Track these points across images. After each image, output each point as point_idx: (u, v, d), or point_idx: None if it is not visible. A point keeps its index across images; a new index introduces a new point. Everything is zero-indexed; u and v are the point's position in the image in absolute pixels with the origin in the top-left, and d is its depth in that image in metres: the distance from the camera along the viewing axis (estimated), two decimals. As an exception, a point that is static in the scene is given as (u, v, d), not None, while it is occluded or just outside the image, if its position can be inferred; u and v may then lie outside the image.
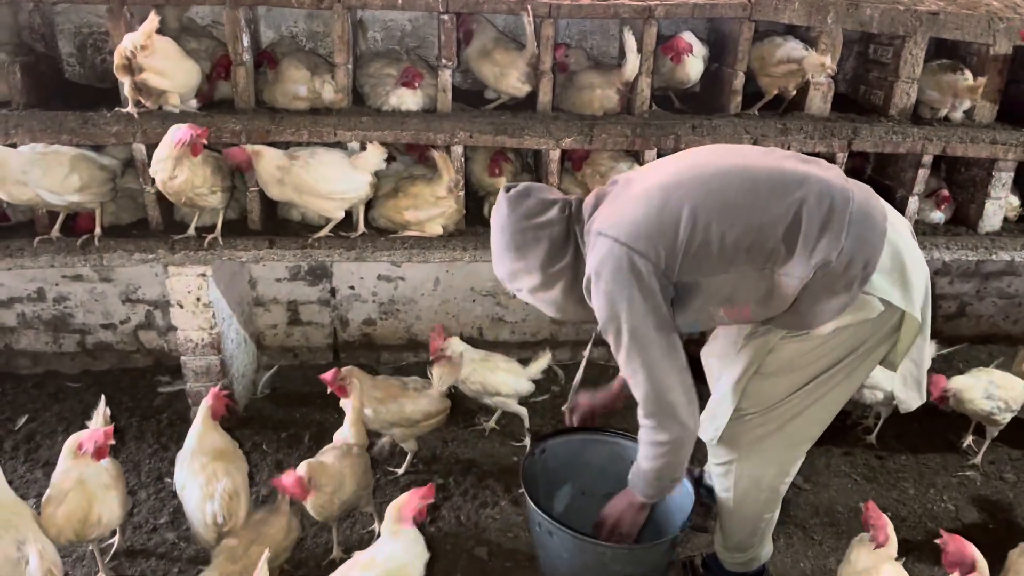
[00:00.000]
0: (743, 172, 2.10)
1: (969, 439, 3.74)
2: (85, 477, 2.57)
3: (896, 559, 2.51)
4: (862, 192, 2.15)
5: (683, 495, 2.69)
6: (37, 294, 3.95)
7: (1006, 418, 3.49)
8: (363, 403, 3.09)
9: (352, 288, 4.16)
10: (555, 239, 2.17)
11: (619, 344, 2.13)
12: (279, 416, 3.83)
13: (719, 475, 2.56)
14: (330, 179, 3.17)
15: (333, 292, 4.16)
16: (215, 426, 2.84)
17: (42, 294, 3.96)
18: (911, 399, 2.34)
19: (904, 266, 2.13)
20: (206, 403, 2.83)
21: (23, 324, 4.01)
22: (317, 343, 4.25)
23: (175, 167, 2.97)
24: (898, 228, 2.17)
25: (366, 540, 3.03)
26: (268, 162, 3.09)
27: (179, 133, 2.92)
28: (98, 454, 2.59)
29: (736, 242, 2.04)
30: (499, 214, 2.24)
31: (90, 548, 2.86)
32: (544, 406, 4.04)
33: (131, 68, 2.87)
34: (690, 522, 2.56)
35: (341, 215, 3.31)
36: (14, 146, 3.05)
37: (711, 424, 2.43)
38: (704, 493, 2.91)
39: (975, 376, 3.50)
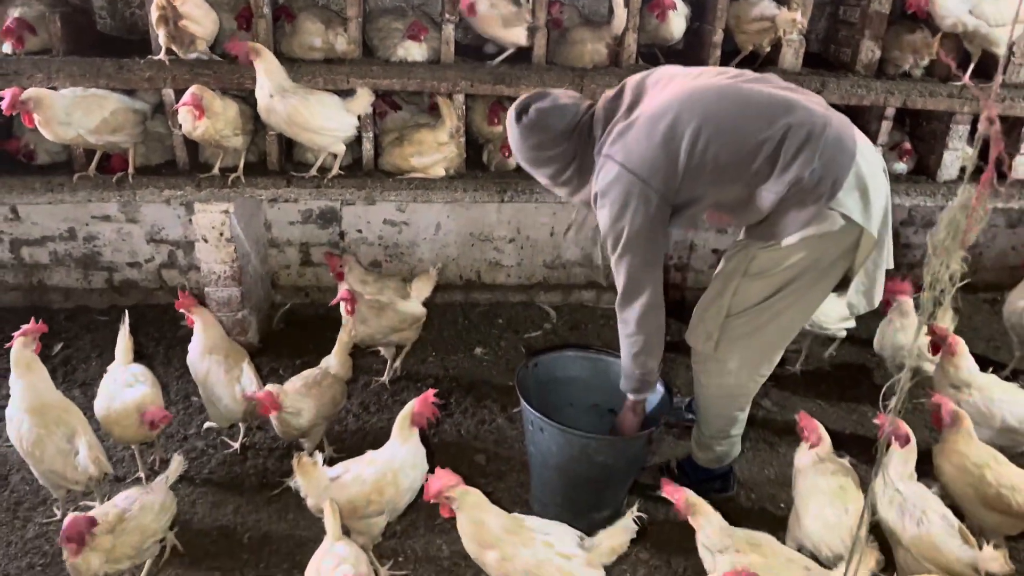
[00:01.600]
0: (739, 97, 2.43)
1: None
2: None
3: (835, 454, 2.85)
4: (839, 120, 2.46)
5: (659, 403, 3.05)
6: (68, 233, 4.26)
7: None
8: (352, 337, 3.43)
9: (360, 231, 4.48)
10: (563, 162, 2.56)
11: (614, 250, 2.54)
12: (293, 347, 4.17)
13: (698, 372, 2.92)
14: (323, 116, 3.42)
15: (342, 235, 4.48)
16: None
17: (73, 233, 4.27)
18: (859, 304, 2.69)
19: (867, 188, 2.44)
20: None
21: (55, 261, 4.33)
22: (327, 283, 4.56)
23: (194, 121, 3.31)
24: (866, 155, 2.48)
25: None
26: (269, 64, 3.30)
27: (184, 97, 3.25)
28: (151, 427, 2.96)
29: (728, 162, 2.39)
30: (513, 138, 2.58)
31: (132, 450, 3.22)
32: (537, 341, 4.39)
33: (167, 17, 3.16)
34: (662, 421, 2.91)
35: (342, 148, 3.58)
36: (55, 89, 3.35)
37: (701, 327, 2.79)
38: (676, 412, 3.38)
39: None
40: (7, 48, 3.37)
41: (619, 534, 2.45)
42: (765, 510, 3.23)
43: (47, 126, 3.20)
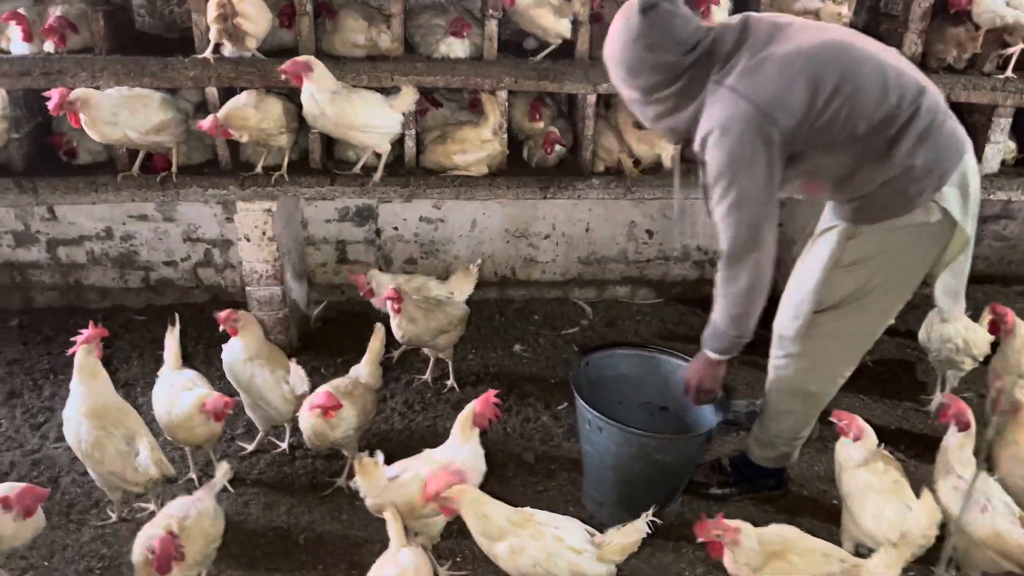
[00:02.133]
0: (878, 65, 2.29)
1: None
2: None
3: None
4: (953, 116, 2.42)
5: (718, 401, 3.03)
6: (105, 232, 4.25)
7: None
8: (383, 345, 3.39)
9: (396, 229, 4.46)
10: (670, 76, 2.29)
11: (725, 196, 2.32)
12: (333, 345, 4.15)
13: (777, 367, 2.88)
14: (370, 114, 3.40)
15: (378, 232, 4.46)
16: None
17: (110, 232, 4.25)
18: (949, 307, 2.66)
19: (967, 186, 2.42)
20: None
21: (92, 261, 4.31)
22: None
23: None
24: (971, 155, 2.45)
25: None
26: (321, 75, 3.27)
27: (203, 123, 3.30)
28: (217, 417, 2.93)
29: (852, 127, 2.28)
30: (628, 31, 2.28)
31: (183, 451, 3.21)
32: (574, 338, 4.37)
33: (225, 14, 3.13)
34: (722, 420, 2.89)
35: (387, 147, 3.54)
36: (98, 88, 3.33)
37: (796, 317, 2.72)
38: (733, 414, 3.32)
39: None
40: (49, 46, 3.34)
41: (631, 533, 2.44)
42: (819, 506, 3.21)
43: (93, 126, 3.18)
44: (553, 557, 2.36)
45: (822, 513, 3.15)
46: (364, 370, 3.31)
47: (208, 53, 3.34)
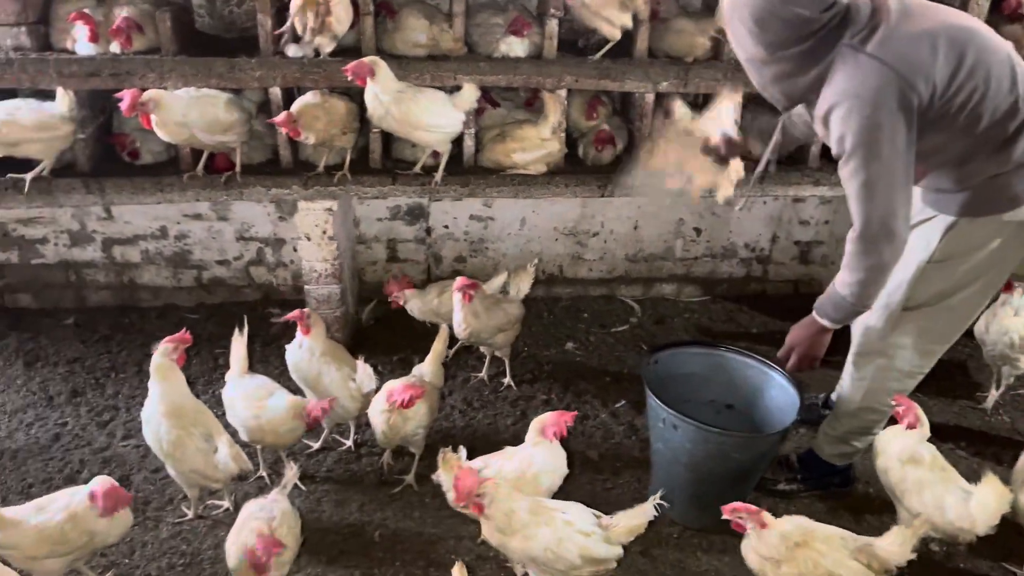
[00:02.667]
0: (1007, 57, 2.26)
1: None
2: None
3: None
4: None
5: (787, 399, 3.04)
6: (160, 232, 4.27)
7: None
8: (446, 346, 3.45)
9: (446, 227, 4.47)
10: (801, 33, 2.17)
11: (862, 168, 2.22)
12: (386, 343, 4.17)
13: (857, 364, 2.88)
14: (434, 113, 3.41)
15: (428, 231, 4.48)
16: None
17: (164, 232, 4.28)
18: None
19: None
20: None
21: (146, 260, 4.34)
22: (412, 279, 4.56)
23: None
24: None
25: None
26: (385, 76, 3.27)
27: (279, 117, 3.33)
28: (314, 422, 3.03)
29: (979, 114, 2.24)
30: None
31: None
32: (624, 335, 4.39)
33: (318, 12, 3.16)
34: (799, 417, 2.90)
35: (448, 146, 3.55)
36: (165, 89, 3.35)
37: (885, 309, 2.71)
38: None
39: None
40: (114, 47, 3.36)
41: (638, 515, 2.50)
42: (886, 503, 3.21)
43: (163, 127, 3.20)
44: (563, 541, 2.40)
45: (889, 510, 3.15)
46: (428, 369, 3.34)
47: (293, 50, 3.37)
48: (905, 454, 2.75)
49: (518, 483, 2.65)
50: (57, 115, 3.25)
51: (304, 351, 3.28)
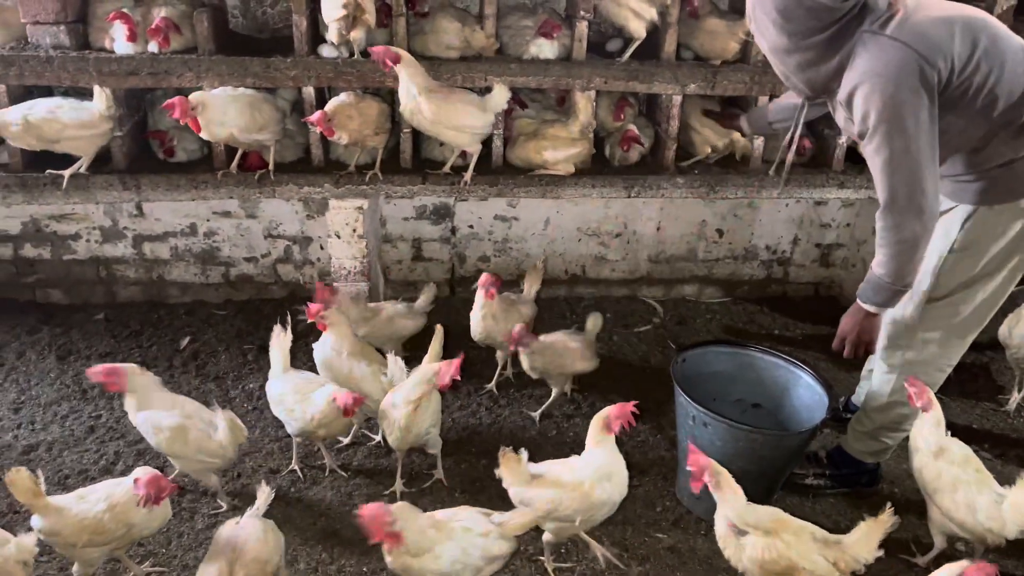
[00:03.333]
0: (1020, 44, 2.37)
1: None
2: None
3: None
4: None
5: (814, 397, 3.08)
6: (189, 229, 4.33)
7: None
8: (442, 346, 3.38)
9: (471, 227, 4.52)
10: (824, 22, 2.26)
11: (886, 143, 2.29)
12: (412, 340, 4.20)
13: (886, 357, 2.92)
14: (465, 113, 3.45)
15: (453, 231, 4.52)
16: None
17: (194, 229, 4.34)
18: None
19: None
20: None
21: (175, 257, 4.40)
22: (436, 278, 4.62)
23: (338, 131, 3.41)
24: None
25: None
26: (412, 67, 3.32)
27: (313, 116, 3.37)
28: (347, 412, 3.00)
29: (996, 96, 2.32)
30: None
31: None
32: (647, 336, 4.42)
33: (352, 15, 3.23)
34: (828, 416, 2.93)
35: (478, 147, 3.59)
36: (201, 88, 3.41)
37: (911, 301, 2.75)
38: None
39: None
40: (152, 47, 3.42)
41: (527, 512, 2.55)
42: (911, 503, 3.24)
43: (206, 127, 3.26)
44: (467, 549, 2.41)
45: (915, 510, 3.18)
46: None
47: (328, 51, 3.45)
48: (933, 444, 2.77)
49: (576, 494, 2.63)
50: (96, 113, 3.32)
51: (331, 347, 3.31)
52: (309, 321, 3.36)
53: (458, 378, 2.91)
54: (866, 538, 2.45)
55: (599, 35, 4.05)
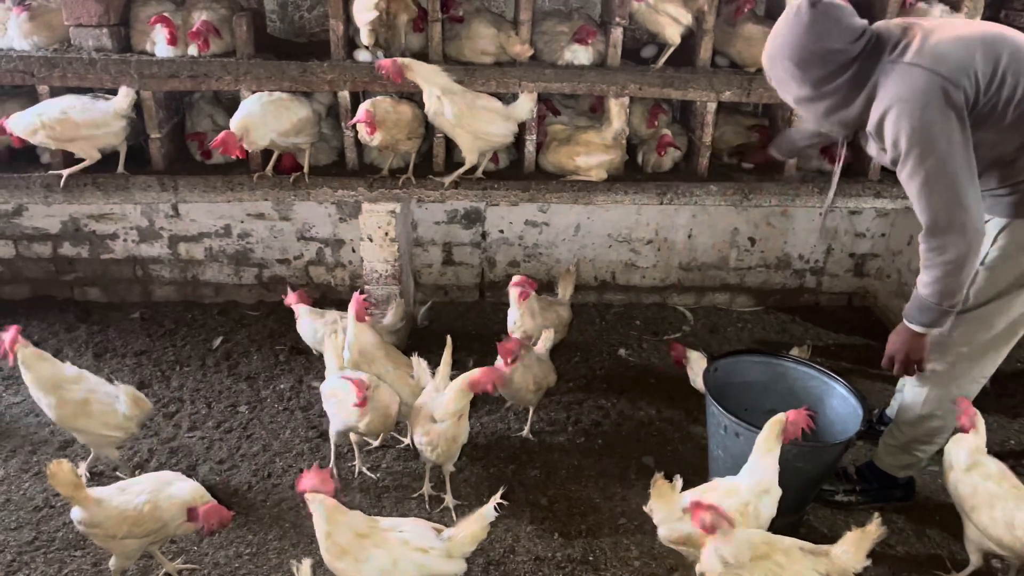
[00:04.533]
0: None
1: None
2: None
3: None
4: None
5: (848, 409, 3.03)
6: (224, 230, 4.39)
7: None
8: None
9: (501, 232, 4.53)
10: (840, 65, 2.32)
11: (920, 167, 2.29)
12: (440, 343, 4.20)
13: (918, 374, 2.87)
14: (487, 120, 3.47)
15: (484, 235, 4.53)
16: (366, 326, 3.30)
17: (228, 230, 4.39)
18: None
19: None
20: (352, 307, 3.27)
21: (209, 257, 4.45)
22: (466, 282, 4.63)
23: (366, 132, 3.42)
24: None
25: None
26: (424, 72, 3.33)
27: (358, 115, 3.39)
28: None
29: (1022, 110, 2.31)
30: (798, 25, 2.32)
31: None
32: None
33: (382, 20, 3.27)
34: (863, 428, 2.88)
35: (475, 159, 3.59)
36: (238, 91, 3.46)
37: None
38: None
39: None
40: (192, 50, 3.47)
41: (477, 521, 2.44)
42: (948, 517, 3.18)
43: (247, 136, 3.28)
44: (399, 561, 2.34)
45: (952, 525, 3.12)
46: (440, 382, 3.19)
47: (363, 55, 3.48)
48: (968, 461, 2.71)
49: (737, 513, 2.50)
50: (110, 111, 3.37)
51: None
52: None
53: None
54: (854, 548, 2.39)
55: (634, 41, 4.04)
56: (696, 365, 3.50)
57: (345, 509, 2.42)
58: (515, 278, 3.61)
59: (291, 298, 3.75)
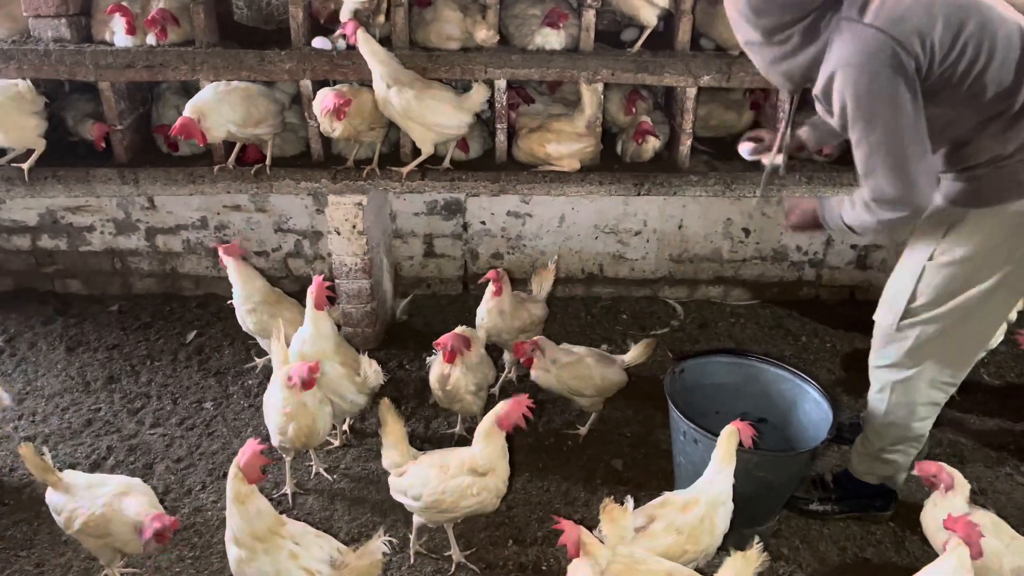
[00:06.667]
0: (1016, 28, 2.17)
1: None
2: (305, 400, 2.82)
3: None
4: None
5: (820, 414, 2.86)
6: (201, 222, 4.33)
7: None
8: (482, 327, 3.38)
9: (483, 223, 4.39)
10: (797, 14, 2.15)
11: (865, 138, 2.15)
12: (419, 339, 4.11)
13: (875, 377, 2.72)
14: (438, 112, 3.33)
15: (465, 227, 4.41)
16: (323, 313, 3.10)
17: (205, 222, 4.33)
18: None
19: None
20: (311, 294, 3.06)
21: (187, 249, 4.40)
22: (449, 275, 4.52)
23: (331, 122, 3.30)
24: None
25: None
26: (376, 52, 3.22)
27: (326, 101, 3.24)
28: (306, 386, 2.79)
29: (983, 86, 2.14)
30: None
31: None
32: (664, 339, 4.22)
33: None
34: (829, 436, 2.71)
35: (431, 149, 3.47)
36: (197, 81, 3.37)
37: (892, 309, 2.57)
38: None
39: None
40: (151, 39, 3.39)
41: (367, 555, 2.30)
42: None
43: (208, 133, 3.20)
44: (282, 573, 2.24)
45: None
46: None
47: (323, 37, 3.39)
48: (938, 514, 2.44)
49: (695, 531, 2.41)
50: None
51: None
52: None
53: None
54: (736, 572, 2.17)
55: (615, 24, 3.86)
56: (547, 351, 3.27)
57: (259, 497, 2.30)
58: (491, 272, 3.47)
59: (225, 250, 3.46)
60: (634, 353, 3.38)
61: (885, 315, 2.62)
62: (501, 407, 2.60)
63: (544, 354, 3.23)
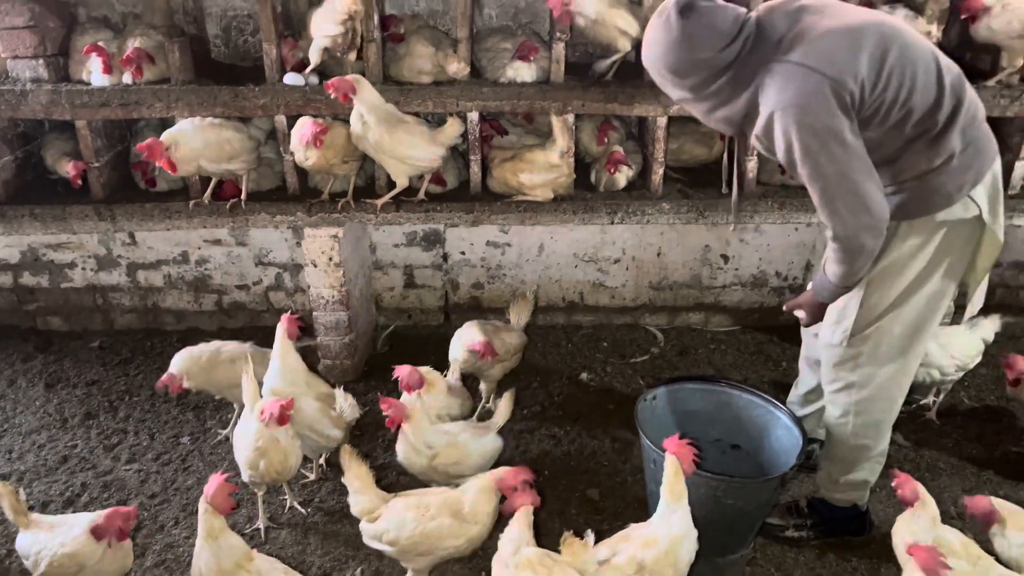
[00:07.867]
0: (930, 51, 2.24)
1: None
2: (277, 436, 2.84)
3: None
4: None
5: (792, 441, 2.85)
6: (181, 257, 4.35)
7: None
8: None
9: (463, 253, 4.42)
10: (717, 69, 2.20)
11: (818, 176, 2.16)
12: (398, 370, 4.12)
13: (833, 402, 2.74)
14: (410, 144, 3.36)
15: (445, 257, 4.43)
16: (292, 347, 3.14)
17: (186, 257, 4.36)
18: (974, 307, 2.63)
19: (998, 193, 2.38)
20: (282, 327, 3.12)
21: (168, 284, 4.42)
22: (430, 305, 4.53)
23: (307, 151, 3.33)
24: (999, 161, 2.42)
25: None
26: (370, 96, 3.26)
27: (304, 129, 3.28)
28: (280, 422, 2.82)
29: (911, 108, 2.20)
30: (668, 35, 2.18)
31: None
32: (644, 367, 4.23)
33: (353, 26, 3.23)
34: (798, 463, 2.70)
35: (405, 182, 3.50)
36: (173, 119, 3.41)
37: (839, 326, 2.60)
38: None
39: None
40: (127, 78, 3.44)
41: None
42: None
43: (179, 165, 3.24)
44: None
45: (910, 564, 2.92)
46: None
47: (294, 73, 3.43)
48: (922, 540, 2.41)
49: (658, 565, 2.35)
50: None
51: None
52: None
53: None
54: None
55: (587, 56, 3.92)
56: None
57: (230, 534, 2.35)
58: (475, 342, 3.44)
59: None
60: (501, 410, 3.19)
61: (833, 334, 2.65)
62: (506, 473, 2.62)
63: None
